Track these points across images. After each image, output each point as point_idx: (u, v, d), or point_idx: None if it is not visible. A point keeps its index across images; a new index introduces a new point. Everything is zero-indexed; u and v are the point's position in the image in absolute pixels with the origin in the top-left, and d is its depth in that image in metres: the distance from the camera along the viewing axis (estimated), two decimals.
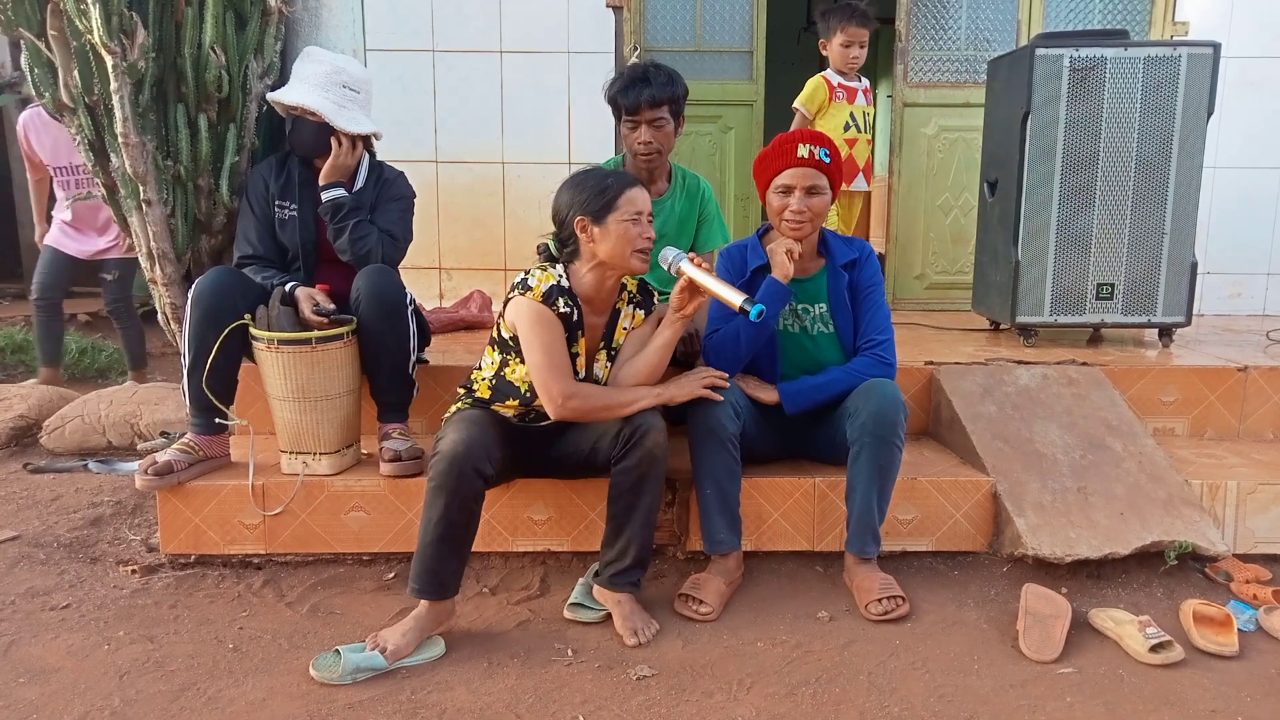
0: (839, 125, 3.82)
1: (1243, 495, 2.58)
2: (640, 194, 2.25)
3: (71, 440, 3.47)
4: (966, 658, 2.13)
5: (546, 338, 2.20)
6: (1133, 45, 3.17)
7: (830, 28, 3.79)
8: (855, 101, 3.85)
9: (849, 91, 3.85)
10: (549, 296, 2.22)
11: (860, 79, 3.90)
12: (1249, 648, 2.17)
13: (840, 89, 3.83)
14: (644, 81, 2.68)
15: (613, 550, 2.26)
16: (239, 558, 2.55)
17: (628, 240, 2.20)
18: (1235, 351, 3.28)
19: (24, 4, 2.78)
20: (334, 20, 4.00)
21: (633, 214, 2.21)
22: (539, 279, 2.23)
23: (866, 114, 3.90)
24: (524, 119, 4.14)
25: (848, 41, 3.76)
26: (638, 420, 2.22)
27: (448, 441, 2.11)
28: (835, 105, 3.83)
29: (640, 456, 2.19)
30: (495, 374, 2.31)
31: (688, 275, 2.25)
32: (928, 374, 2.99)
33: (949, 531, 2.57)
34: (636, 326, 2.39)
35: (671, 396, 2.29)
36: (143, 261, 2.98)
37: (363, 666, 2.02)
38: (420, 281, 4.10)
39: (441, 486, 2.08)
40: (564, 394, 2.18)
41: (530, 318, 2.20)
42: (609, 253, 2.22)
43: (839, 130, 3.81)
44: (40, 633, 2.21)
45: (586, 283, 2.28)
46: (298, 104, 2.61)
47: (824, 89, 3.83)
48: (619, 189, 2.22)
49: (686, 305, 2.28)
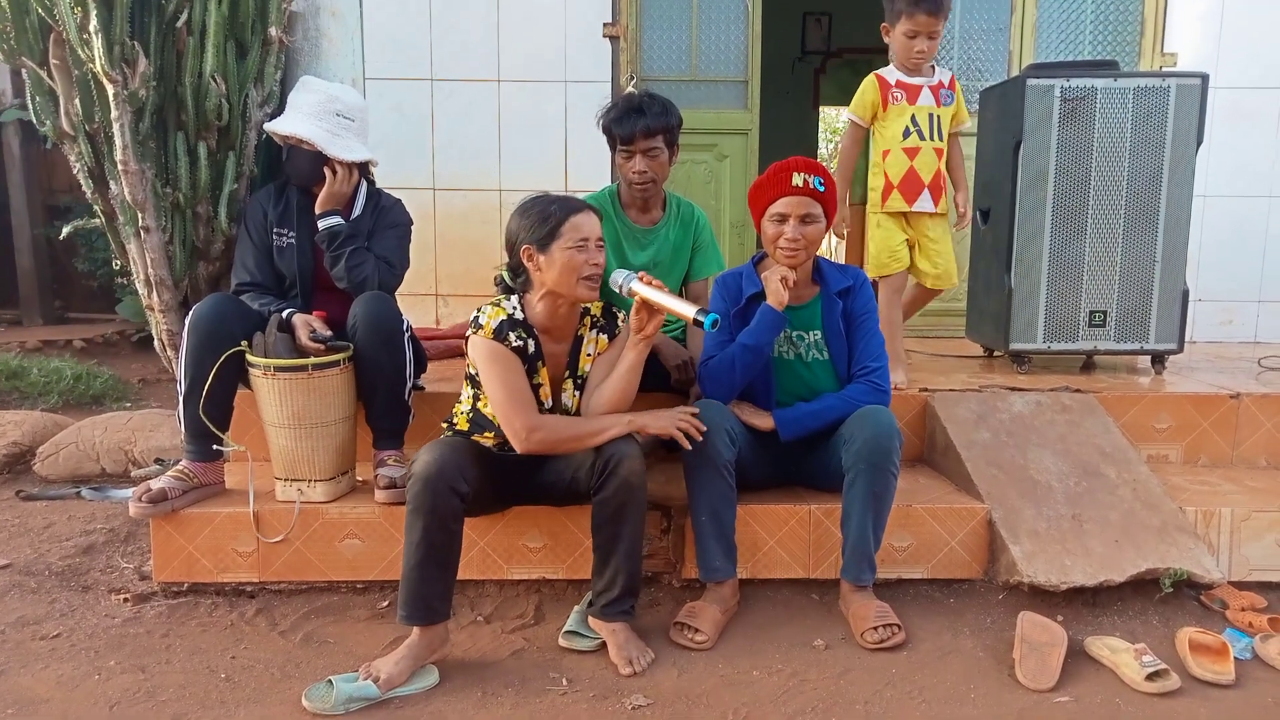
0: (896, 133, 3.12)
1: (1237, 522, 2.58)
2: (586, 219, 2.21)
3: (65, 467, 3.45)
4: (963, 686, 2.12)
5: (503, 374, 2.18)
6: (1122, 76, 3.22)
7: (894, 12, 3.06)
8: (919, 101, 3.11)
9: (910, 91, 3.12)
10: (499, 333, 2.20)
11: (933, 71, 3.17)
12: (1245, 676, 2.16)
13: (899, 88, 3.12)
14: (639, 112, 2.70)
15: (602, 580, 2.25)
16: (232, 586, 2.53)
17: (573, 268, 2.17)
18: (1227, 379, 3.30)
19: (27, 33, 2.81)
20: (334, 49, 4.05)
21: (577, 240, 2.17)
22: (489, 315, 2.21)
23: (937, 116, 3.12)
24: (521, 147, 4.17)
25: (913, 31, 3.01)
26: (610, 450, 2.18)
27: (420, 463, 2.11)
28: (893, 109, 3.12)
29: (616, 486, 2.17)
30: (471, 408, 2.32)
31: (639, 294, 2.20)
32: (922, 401, 3.00)
33: (944, 559, 2.57)
34: (602, 352, 2.35)
35: (643, 426, 2.25)
36: (140, 288, 2.99)
37: (355, 696, 2.00)
38: (417, 308, 4.11)
39: (419, 508, 2.07)
40: (527, 428, 2.16)
41: (485, 355, 2.20)
42: (555, 281, 2.19)
43: (897, 139, 3.12)
44: (30, 662, 2.19)
45: (540, 312, 2.26)
46: (291, 133, 2.64)
47: (875, 89, 3.13)
48: (563, 215, 2.18)
49: (646, 325, 2.22)
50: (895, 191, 3.13)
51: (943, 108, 3.14)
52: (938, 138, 3.13)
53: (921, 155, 3.12)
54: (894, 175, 3.12)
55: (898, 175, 3.11)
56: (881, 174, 3.15)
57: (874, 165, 3.20)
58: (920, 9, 2.97)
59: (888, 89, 3.14)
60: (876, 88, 3.14)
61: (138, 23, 2.82)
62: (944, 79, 3.16)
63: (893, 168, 3.12)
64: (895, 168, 3.12)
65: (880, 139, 3.17)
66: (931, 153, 3.12)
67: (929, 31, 3.02)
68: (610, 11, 4.14)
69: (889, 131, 3.14)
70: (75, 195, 5.45)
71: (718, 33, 4.37)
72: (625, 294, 2.25)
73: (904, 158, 3.12)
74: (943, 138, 3.15)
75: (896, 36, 3.07)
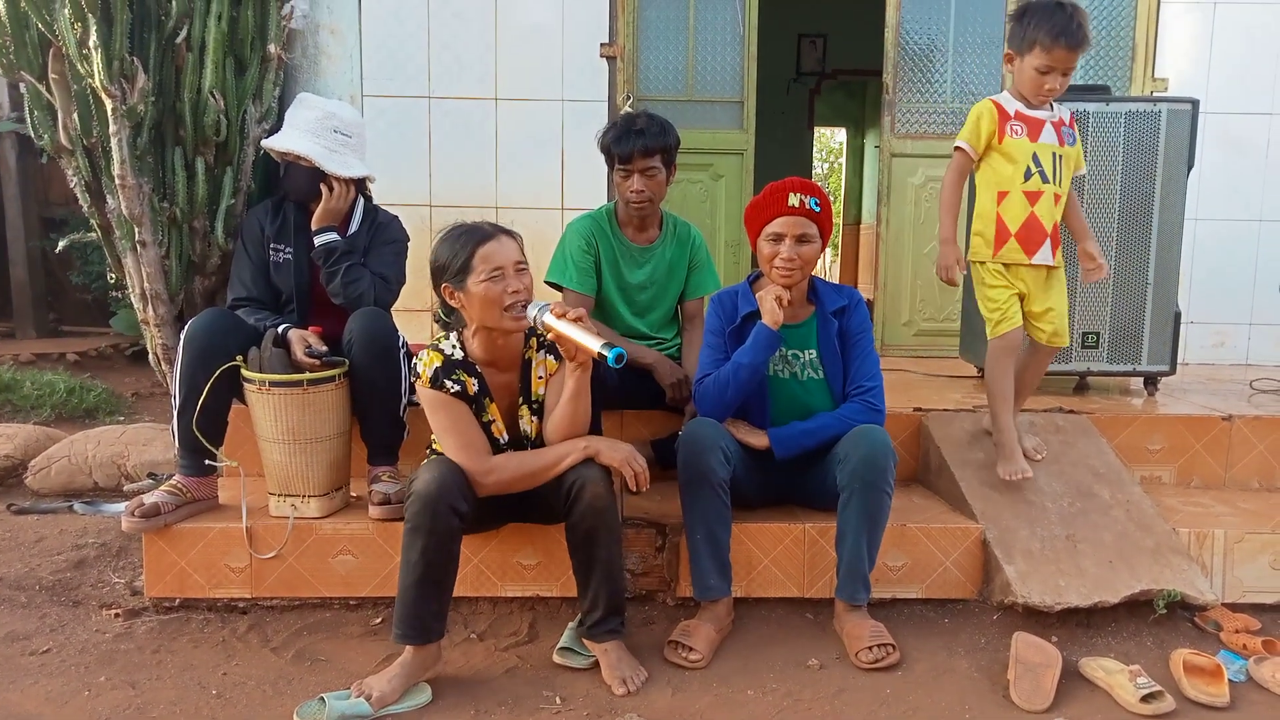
0: (1015, 173, 2.65)
1: (1230, 544, 2.59)
2: (496, 247, 2.12)
3: (57, 481, 3.44)
4: (957, 707, 2.11)
5: (447, 421, 2.16)
6: (1114, 100, 3.26)
7: (1025, 39, 2.58)
8: (1041, 138, 2.66)
9: (1031, 125, 2.66)
10: (435, 380, 2.17)
11: (1052, 107, 2.71)
12: (1240, 699, 2.17)
13: (1019, 120, 2.66)
14: (638, 132, 2.73)
15: (586, 602, 2.24)
16: (224, 602, 2.52)
17: (491, 300, 2.11)
18: (1220, 400, 3.31)
19: (26, 47, 2.82)
20: (332, 67, 4.07)
21: (490, 272, 2.10)
22: (425, 362, 2.18)
23: (1060, 156, 2.67)
24: (518, 165, 4.19)
25: (1048, 66, 2.56)
26: (571, 477, 2.15)
27: (421, 481, 2.09)
28: (1011, 143, 2.66)
29: (582, 511, 2.14)
30: None
31: (551, 329, 2.09)
32: (916, 420, 3.01)
33: (939, 579, 2.57)
34: (553, 373, 2.28)
35: (598, 452, 2.16)
36: (135, 302, 2.99)
37: (348, 714, 1.99)
38: (413, 324, 4.11)
39: (418, 527, 2.06)
40: (479, 471, 2.13)
41: (427, 404, 2.18)
42: (479, 315, 2.14)
43: (1016, 180, 2.65)
44: (19, 678, 2.17)
45: (477, 347, 2.23)
46: (289, 149, 2.65)
47: (992, 116, 2.66)
48: (471, 248, 2.11)
49: (575, 353, 2.12)
50: (1012, 240, 2.67)
51: (1066, 148, 2.69)
52: (1060, 181, 2.68)
53: (1043, 200, 2.66)
54: (1011, 222, 2.66)
55: (1016, 222, 2.66)
56: (993, 219, 2.69)
57: (982, 207, 2.74)
58: (1061, 43, 2.52)
59: (1006, 119, 2.66)
60: (994, 115, 2.66)
61: (137, 38, 2.84)
62: (1064, 116, 2.73)
63: (1010, 212, 2.67)
64: (1013, 213, 2.66)
65: (993, 177, 2.70)
66: (1052, 198, 2.67)
67: (1065, 68, 2.58)
68: (607, 32, 4.18)
69: (1005, 170, 2.67)
70: (71, 208, 5.45)
71: (714, 53, 4.41)
72: (539, 328, 2.14)
73: (1024, 202, 2.66)
74: (1062, 182, 2.69)
75: (1025, 68, 2.61)
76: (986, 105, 2.69)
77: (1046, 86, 2.61)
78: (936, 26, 4.42)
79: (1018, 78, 2.66)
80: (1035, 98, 2.64)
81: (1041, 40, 2.54)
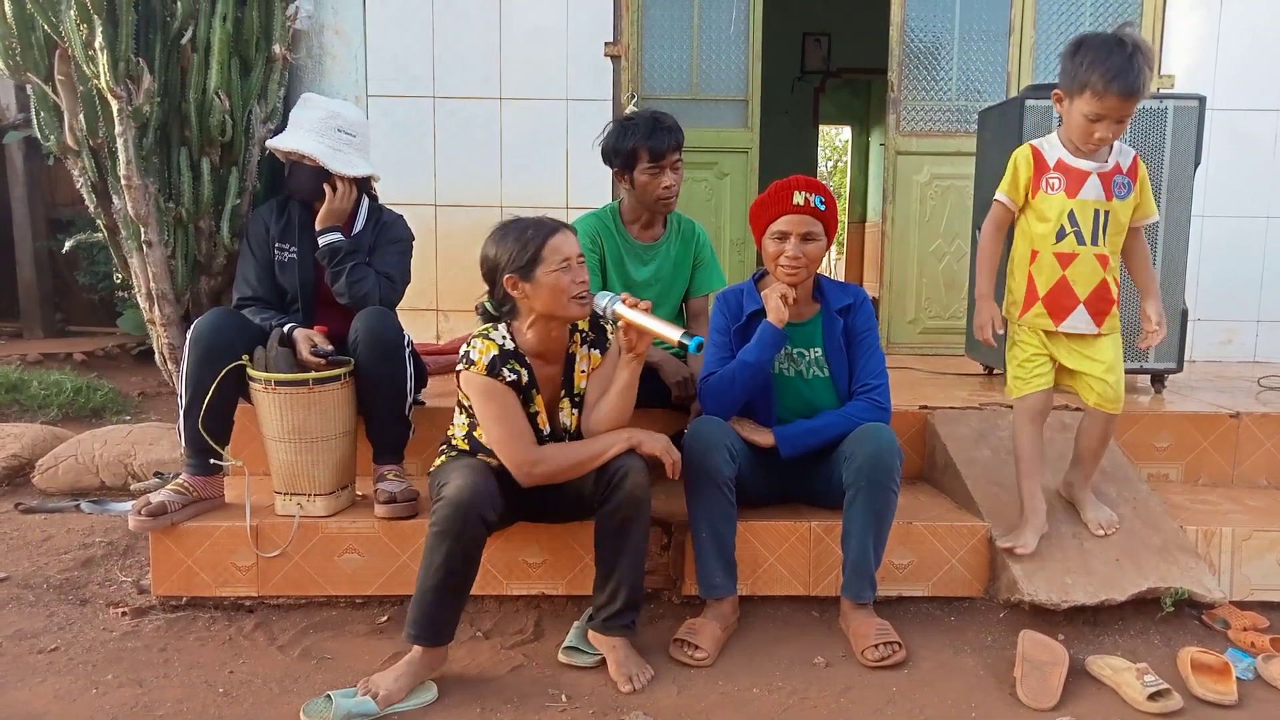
0: (1047, 231, 2.40)
1: (1238, 542, 2.58)
2: (565, 239, 2.18)
3: (64, 480, 3.45)
4: (964, 704, 2.11)
5: (498, 410, 2.17)
6: None
7: (1077, 82, 2.26)
8: (1082, 193, 2.36)
9: (1072, 177, 2.36)
10: (493, 368, 2.18)
11: (1111, 152, 2.38)
12: (1248, 696, 2.16)
13: (1058, 172, 2.37)
14: (668, 130, 2.74)
15: (603, 594, 2.24)
16: (231, 600, 2.52)
17: (560, 290, 2.15)
18: (1227, 398, 3.30)
19: (32, 49, 2.84)
20: (337, 67, 4.08)
21: (560, 262, 2.15)
22: (480, 350, 2.19)
23: (1105, 213, 2.37)
24: (523, 164, 4.20)
25: (1098, 114, 2.25)
26: (616, 464, 2.19)
27: (453, 487, 2.08)
28: (1044, 198, 2.39)
29: (621, 500, 2.17)
30: (467, 434, 2.31)
31: (623, 318, 2.16)
32: (922, 418, 3.00)
33: (945, 577, 2.56)
34: (595, 367, 2.34)
35: (640, 443, 2.23)
36: (141, 302, 3.00)
37: (354, 712, 1.99)
38: (418, 323, 4.12)
39: (445, 532, 2.06)
40: (528, 462, 2.16)
41: (479, 392, 2.18)
42: (545, 305, 2.18)
43: (1047, 239, 2.40)
44: (27, 676, 2.18)
45: (531, 338, 2.25)
46: (293, 149, 2.65)
47: (1029, 165, 2.40)
48: (541, 240, 2.16)
49: (636, 344, 2.20)
50: (1039, 304, 2.44)
51: (1115, 202, 2.37)
52: (1103, 241, 2.39)
53: (1078, 264, 2.39)
54: (1040, 283, 2.44)
55: (1045, 284, 2.43)
56: (1024, 278, 2.46)
57: (1016, 262, 2.50)
58: (1114, 89, 2.19)
59: (1043, 171, 2.39)
60: (1030, 163, 2.40)
61: (143, 39, 2.85)
62: (1122, 162, 2.39)
63: (1040, 274, 2.43)
64: (1043, 275, 2.43)
65: (1025, 233, 2.46)
66: (1093, 260, 2.38)
67: (1119, 116, 2.26)
68: (611, 31, 4.18)
69: (1038, 227, 2.42)
70: (78, 209, 5.45)
71: (718, 52, 4.41)
72: (609, 317, 2.22)
73: (1054, 265, 2.40)
74: (1108, 240, 2.40)
75: (1073, 113, 2.30)
76: (1024, 153, 2.41)
77: (1097, 135, 2.28)
78: (941, 24, 4.42)
79: (1066, 122, 2.35)
80: (1085, 145, 2.33)
81: (1094, 84, 2.21)
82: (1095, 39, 2.25)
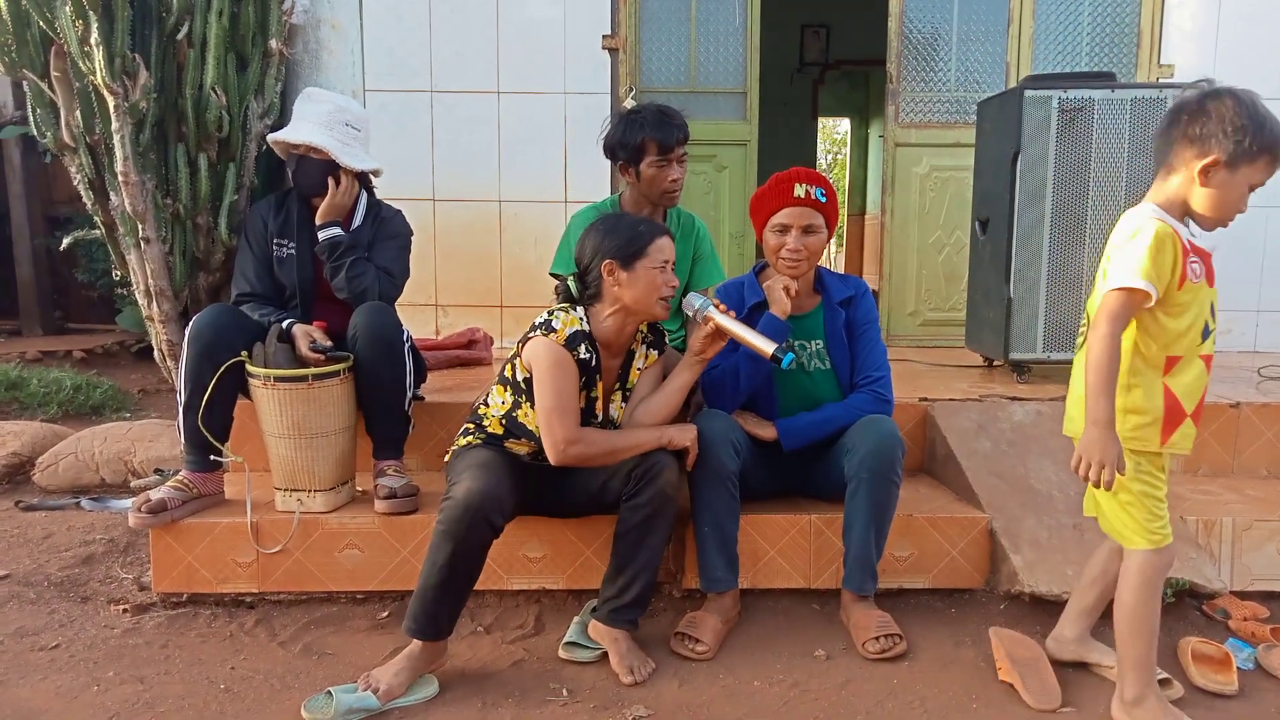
0: (1195, 330, 1.90)
1: (1238, 532, 2.58)
2: (668, 243, 2.28)
3: (64, 477, 3.45)
4: (964, 696, 2.11)
5: (561, 382, 2.17)
6: (1119, 87, 3.23)
7: (1239, 149, 1.83)
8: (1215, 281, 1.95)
9: (1206, 260, 1.93)
10: (572, 341, 2.19)
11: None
12: (1248, 686, 2.16)
13: (1196, 256, 1.90)
14: (678, 125, 2.74)
15: (614, 586, 2.24)
16: (231, 596, 2.53)
17: (654, 287, 2.23)
18: (1227, 388, 3.30)
19: (28, 46, 2.82)
20: (334, 62, 4.07)
21: (660, 262, 2.23)
22: (564, 321, 2.21)
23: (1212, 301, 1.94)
24: (521, 159, 4.19)
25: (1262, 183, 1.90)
26: (652, 458, 2.22)
27: (462, 488, 2.08)
28: (1192, 288, 1.87)
29: (652, 494, 2.19)
30: (506, 414, 2.29)
31: (716, 323, 2.28)
32: (922, 410, 3.00)
33: (946, 568, 2.57)
34: (649, 366, 2.40)
35: (671, 439, 2.27)
36: (140, 299, 3.00)
37: (355, 707, 1.99)
38: (417, 319, 4.11)
39: (450, 533, 2.05)
40: (568, 439, 2.16)
41: (550, 359, 2.18)
42: (634, 298, 2.23)
43: (1194, 341, 1.90)
44: (29, 673, 2.18)
45: (607, 327, 2.28)
46: (304, 142, 2.63)
47: (1174, 246, 1.84)
48: (651, 236, 2.25)
49: (707, 350, 2.32)
50: (1188, 422, 1.93)
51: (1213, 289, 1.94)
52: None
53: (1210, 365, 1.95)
54: (1187, 398, 1.92)
55: (1193, 396, 1.92)
56: (1159, 391, 1.91)
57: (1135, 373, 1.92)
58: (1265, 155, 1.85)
59: (1186, 254, 1.86)
60: (1175, 244, 1.84)
61: (138, 35, 2.84)
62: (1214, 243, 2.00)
63: (1183, 384, 1.91)
64: (1189, 385, 1.92)
65: (1162, 334, 1.89)
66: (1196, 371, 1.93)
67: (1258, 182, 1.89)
68: (609, 24, 4.16)
69: (1178, 325, 1.88)
70: (75, 206, 5.46)
71: (716, 45, 4.40)
72: (699, 320, 2.31)
73: (1202, 371, 1.92)
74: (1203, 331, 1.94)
75: (1232, 182, 1.85)
76: (1168, 231, 1.84)
77: (1243, 207, 1.90)
78: (940, 15, 4.40)
79: (1211, 193, 1.86)
80: (1228, 220, 1.91)
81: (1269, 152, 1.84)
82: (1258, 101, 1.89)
